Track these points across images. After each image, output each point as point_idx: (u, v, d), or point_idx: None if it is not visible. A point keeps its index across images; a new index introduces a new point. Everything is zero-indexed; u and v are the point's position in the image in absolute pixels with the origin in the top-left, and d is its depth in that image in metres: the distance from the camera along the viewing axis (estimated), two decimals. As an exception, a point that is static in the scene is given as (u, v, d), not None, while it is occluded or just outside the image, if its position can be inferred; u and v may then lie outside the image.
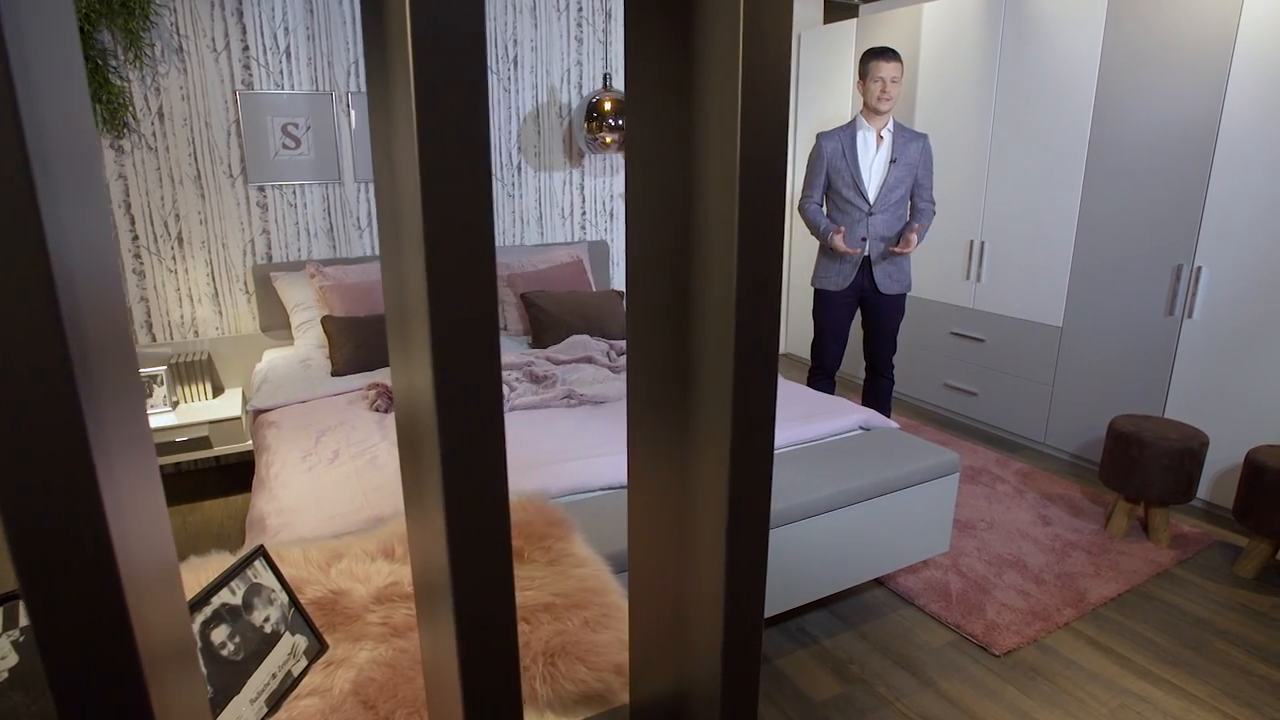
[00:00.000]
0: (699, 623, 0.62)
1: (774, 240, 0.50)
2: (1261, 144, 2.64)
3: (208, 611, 0.75)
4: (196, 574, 1.00)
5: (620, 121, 3.60)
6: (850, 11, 4.84)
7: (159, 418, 3.06)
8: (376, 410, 2.49)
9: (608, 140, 3.58)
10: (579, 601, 0.91)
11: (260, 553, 0.84)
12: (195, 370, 3.22)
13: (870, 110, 2.93)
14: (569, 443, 2.23)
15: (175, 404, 3.20)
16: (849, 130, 2.98)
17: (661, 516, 0.66)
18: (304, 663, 0.82)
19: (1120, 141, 3.08)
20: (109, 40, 2.92)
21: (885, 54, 2.83)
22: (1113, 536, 2.77)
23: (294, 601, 0.84)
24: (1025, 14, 3.37)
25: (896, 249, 2.94)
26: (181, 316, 3.30)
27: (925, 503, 2.27)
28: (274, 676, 0.77)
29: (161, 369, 3.11)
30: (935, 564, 2.59)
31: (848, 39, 4.33)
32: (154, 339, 3.27)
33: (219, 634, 0.75)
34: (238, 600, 0.78)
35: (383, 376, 2.71)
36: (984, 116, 3.61)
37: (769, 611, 2.07)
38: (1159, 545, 2.71)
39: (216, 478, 3.35)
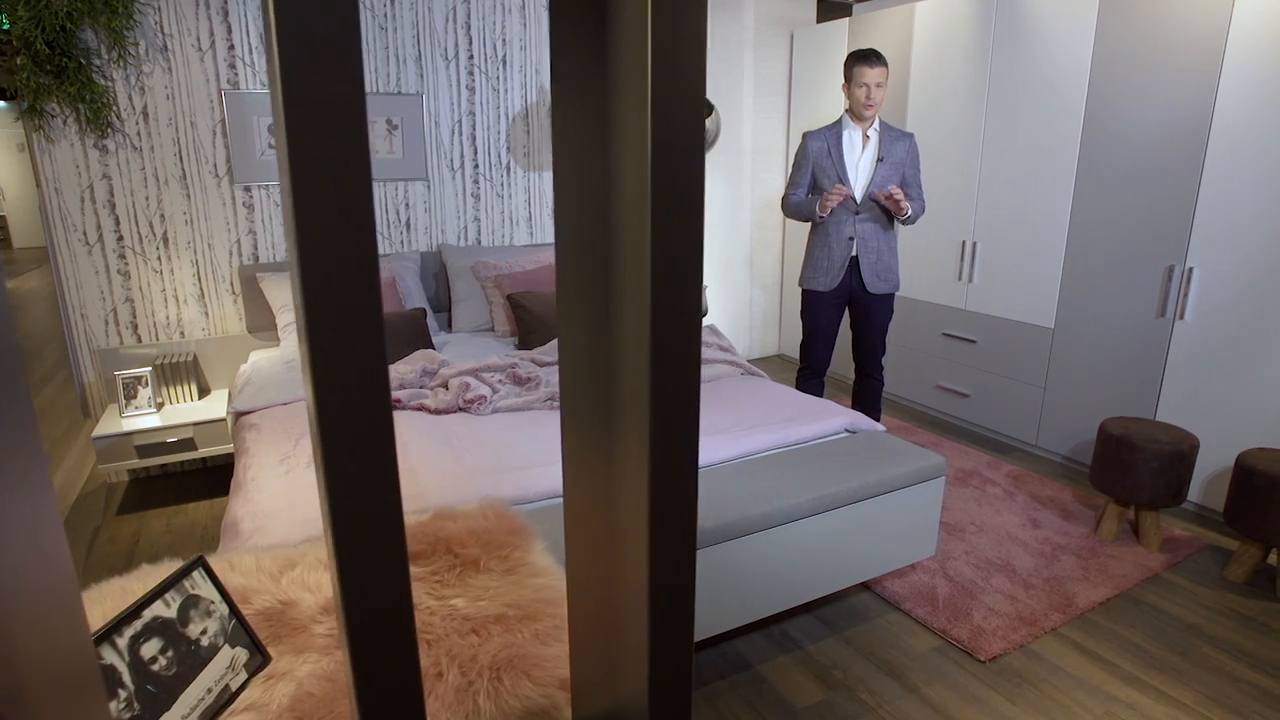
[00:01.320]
0: (628, 641, 0.60)
1: (692, 241, 0.48)
2: (1253, 144, 2.62)
3: (138, 625, 0.72)
4: (144, 582, 0.97)
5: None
6: (843, 11, 4.82)
7: (143, 419, 3.05)
8: (358, 412, 2.46)
9: (596, 140, 3.55)
10: (531, 613, 0.88)
11: (199, 563, 0.82)
12: (181, 371, 3.20)
13: (854, 114, 2.90)
14: (550, 446, 2.21)
15: (160, 405, 3.18)
16: (835, 130, 2.96)
17: (593, 529, 0.63)
18: (244, 676, 0.80)
19: (1112, 142, 3.06)
20: (92, 39, 2.91)
21: (869, 58, 2.80)
22: (1103, 540, 2.74)
23: (235, 613, 0.82)
24: (1017, 14, 3.35)
25: (889, 194, 2.80)
26: (167, 317, 3.28)
27: (911, 507, 2.25)
28: (209, 691, 0.75)
29: (146, 370, 3.10)
30: (923, 568, 2.57)
31: (840, 38, 4.30)
32: (139, 340, 3.25)
33: (150, 648, 0.72)
34: (172, 613, 0.76)
35: (366, 378, 2.69)
36: (976, 116, 3.59)
37: (752, 616, 2.04)
38: (1149, 549, 2.68)
39: (202, 479, 3.33)
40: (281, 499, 1.91)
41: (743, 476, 2.11)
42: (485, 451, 2.15)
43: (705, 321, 4.66)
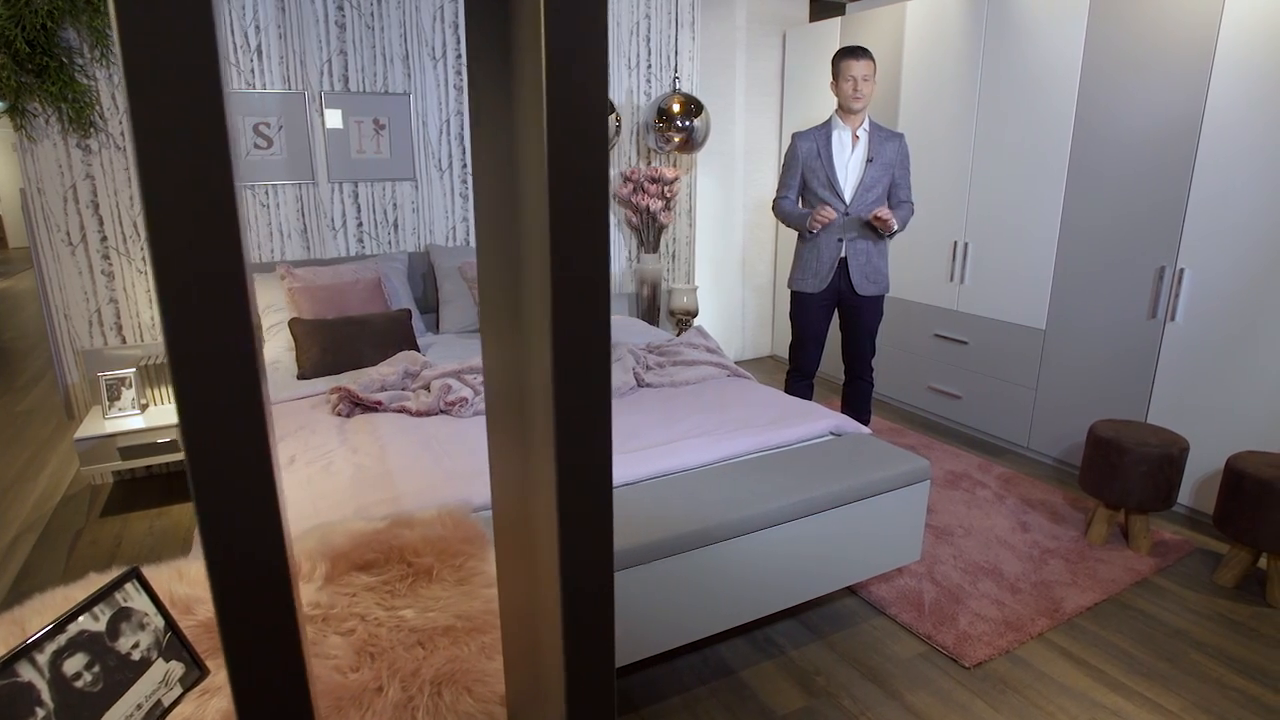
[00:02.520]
0: (549, 657, 0.57)
1: (594, 254, 0.45)
2: (1243, 144, 2.59)
3: (62, 640, 0.70)
4: (89, 591, 0.95)
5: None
6: (836, 10, 4.79)
7: (127, 421, 3.02)
8: (338, 415, 2.44)
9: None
10: (480, 625, 0.86)
11: (132, 575, 0.80)
12: (165, 372, 3.18)
13: (844, 110, 2.88)
14: (530, 448, 2.18)
15: (144, 407, 3.16)
16: (824, 130, 2.93)
17: (517, 541, 0.61)
18: (178, 691, 0.77)
19: (1103, 142, 3.03)
20: (74, 38, 2.88)
21: (855, 53, 2.78)
22: (1092, 544, 2.71)
23: (171, 625, 0.79)
24: (1008, 13, 3.32)
25: (875, 215, 2.79)
26: (152, 318, 3.26)
27: (895, 511, 2.22)
28: (139, 707, 0.73)
29: (130, 371, 3.07)
30: (910, 572, 2.54)
31: (833, 37, 4.28)
32: (124, 341, 3.23)
33: (74, 664, 0.70)
34: (100, 627, 0.74)
35: (348, 380, 2.66)
36: (967, 116, 3.56)
37: (734, 620, 2.01)
38: (1139, 553, 2.65)
39: (184, 482, 3.31)
40: (255, 503, 1.88)
41: (724, 480, 2.08)
42: (464, 454, 2.12)
43: (695, 323, 4.63)
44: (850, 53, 2.79)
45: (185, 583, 0.96)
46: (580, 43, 0.42)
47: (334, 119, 3.40)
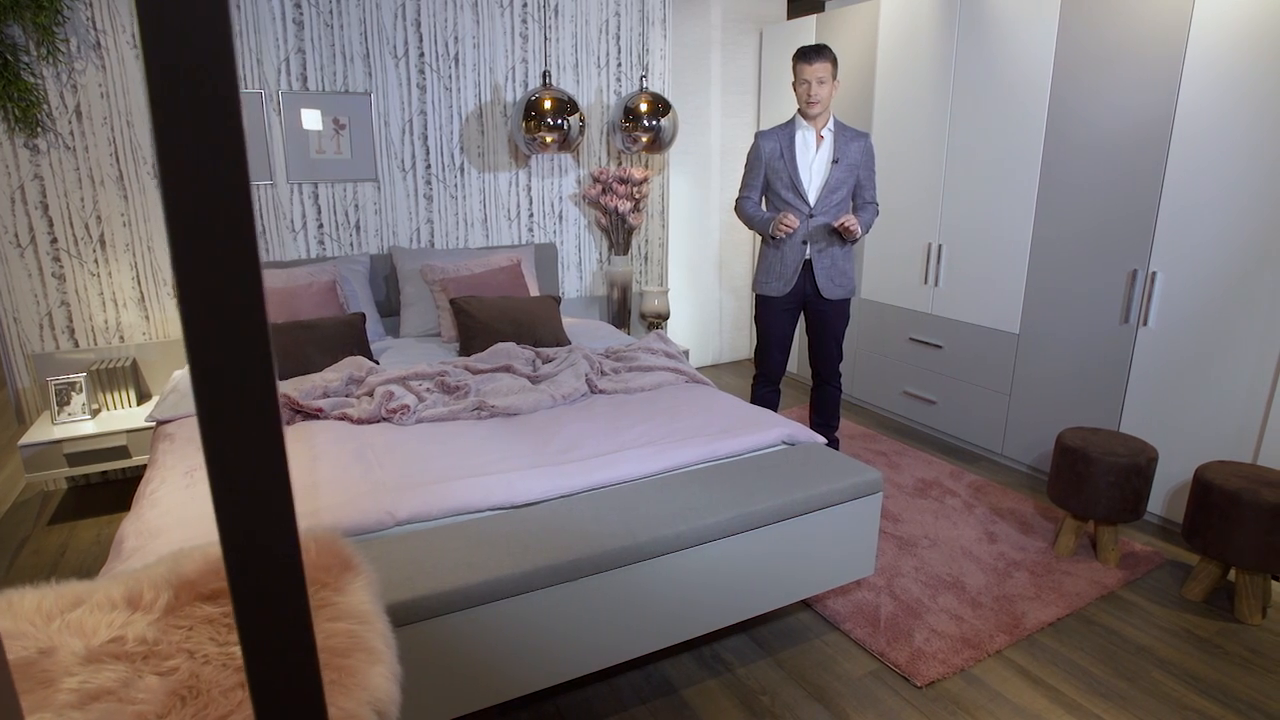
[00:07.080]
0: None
1: (237, 287, 0.38)
2: (1214, 145, 2.51)
3: None
4: None
5: (561, 121, 3.47)
6: (814, 7, 4.72)
7: (77, 426, 2.96)
8: (278, 422, 2.37)
9: (547, 140, 3.45)
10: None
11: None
12: (118, 377, 3.11)
13: (804, 114, 2.81)
14: (468, 458, 2.11)
15: (95, 412, 3.09)
16: (788, 129, 2.86)
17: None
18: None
19: (1075, 143, 2.95)
20: (20, 35, 2.82)
21: (807, 55, 2.70)
22: (1059, 555, 2.63)
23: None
24: (980, 12, 3.24)
25: (841, 224, 2.74)
26: (106, 321, 3.20)
27: (847, 523, 2.14)
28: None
29: (80, 376, 3.01)
30: (868, 585, 2.46)
31: (809, 36, 4.20)
32: (76, 345, 3.16)
33: None
34: None
35: (290, 387, 2.60)
36: (940, 116, 3.48)
37: (676, 638, 1.94)
38: (1106, 565, 2.57)
39: (136, 488, 3.24)
40: (173, 516, 1.81)
41: (664, 493, 2.00)
42: (397, 465, 2.05)
43: (666, 326, 4.55)
44: (803, 55, 2.71)
45: (12, 615, 0.89)
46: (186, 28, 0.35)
47: (312, 120, 3.33)
